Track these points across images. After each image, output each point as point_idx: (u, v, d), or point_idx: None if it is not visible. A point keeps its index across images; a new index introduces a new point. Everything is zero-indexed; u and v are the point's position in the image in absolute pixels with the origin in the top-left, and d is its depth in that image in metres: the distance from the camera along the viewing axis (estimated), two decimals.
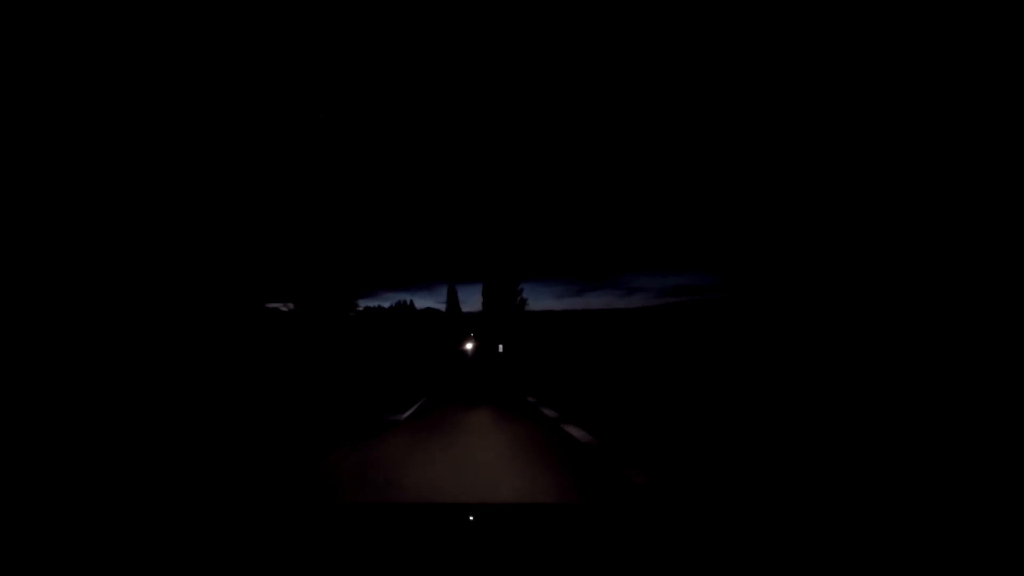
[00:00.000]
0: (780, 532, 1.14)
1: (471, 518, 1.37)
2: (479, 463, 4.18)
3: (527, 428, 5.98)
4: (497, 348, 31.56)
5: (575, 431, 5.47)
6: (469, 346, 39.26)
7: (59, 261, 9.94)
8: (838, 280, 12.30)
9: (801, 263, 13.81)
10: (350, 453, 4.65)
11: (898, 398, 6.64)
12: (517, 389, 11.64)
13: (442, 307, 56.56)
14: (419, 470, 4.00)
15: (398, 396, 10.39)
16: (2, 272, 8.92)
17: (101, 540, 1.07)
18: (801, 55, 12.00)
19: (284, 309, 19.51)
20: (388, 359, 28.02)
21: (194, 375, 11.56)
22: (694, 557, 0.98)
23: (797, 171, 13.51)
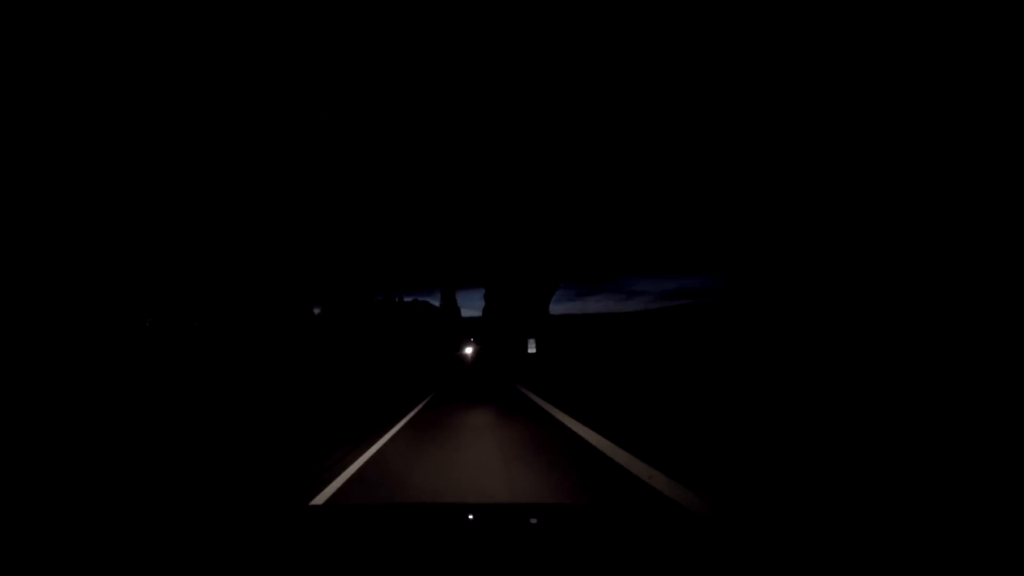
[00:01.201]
0: (786, 536, 1.11)
1: (471, 518, 1.37)
2: None
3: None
4: (527, 347, 27.45)
5: None
6: (469, 350, 38.38)
7: (69, 264, 9.85)
8: (839, 283, 12.29)
9: (802, 266, 13.83)
10: None
11: (901, 400, 6.56)
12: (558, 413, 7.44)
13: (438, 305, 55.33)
14: None
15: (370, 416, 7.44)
16: (4, 273, 8.83)
17: (100, 540, 1.06)
18: (801, 55, 12.03)
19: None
20: (360, 363, 24.46)
21: (186, 377, 11.40)
22: (695, 558, 0.97)
23: (797, 173, 13.53)
